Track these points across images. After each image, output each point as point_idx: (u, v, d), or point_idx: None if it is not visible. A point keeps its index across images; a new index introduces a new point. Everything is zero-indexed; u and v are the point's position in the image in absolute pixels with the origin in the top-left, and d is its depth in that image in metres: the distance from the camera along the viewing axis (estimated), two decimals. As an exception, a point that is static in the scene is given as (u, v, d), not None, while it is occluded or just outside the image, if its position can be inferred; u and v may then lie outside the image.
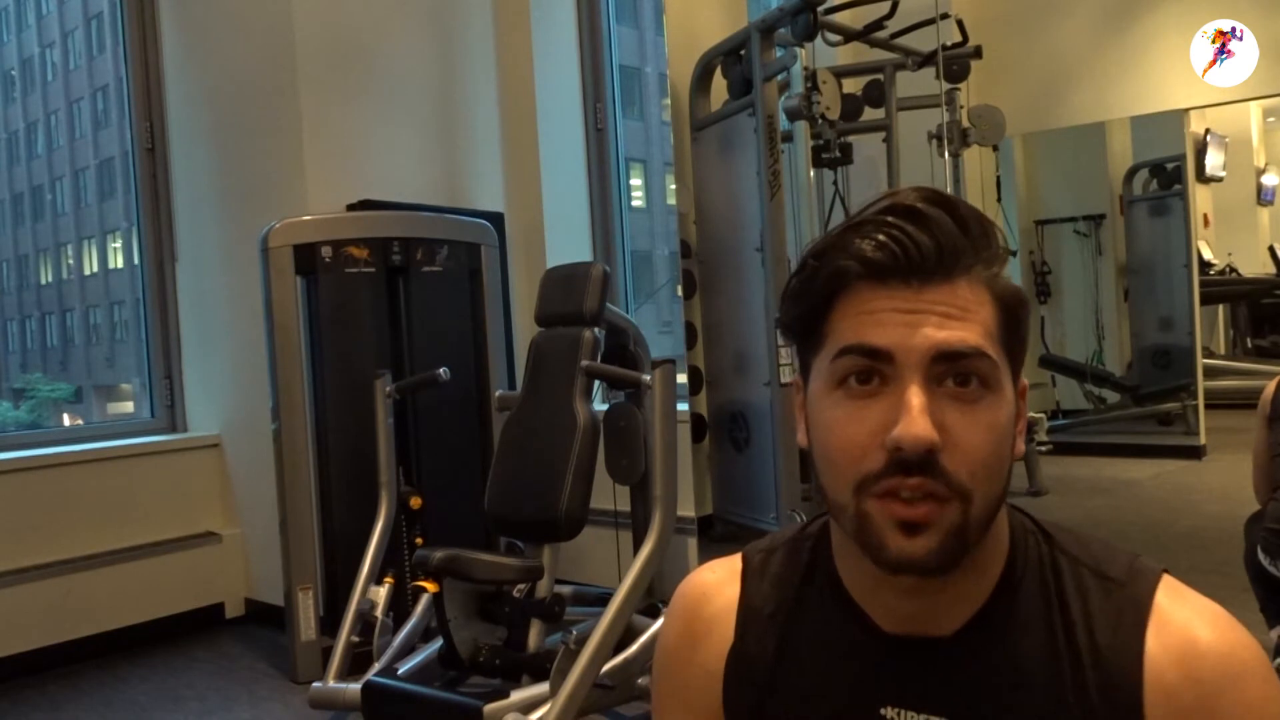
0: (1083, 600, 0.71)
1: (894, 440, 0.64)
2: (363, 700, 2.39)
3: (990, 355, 0.67)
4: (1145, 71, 3.52)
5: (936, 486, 0.65)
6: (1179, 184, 3.81)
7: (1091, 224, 4.08)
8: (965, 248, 0.68)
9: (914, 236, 0.67)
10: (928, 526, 0.66)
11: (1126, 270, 4.04)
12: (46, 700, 2.92)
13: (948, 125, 3.34)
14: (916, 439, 0.64)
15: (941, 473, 0.65)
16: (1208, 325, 4.33)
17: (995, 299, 0.69)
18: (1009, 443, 0.69)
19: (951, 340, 0.66)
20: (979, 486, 0.66)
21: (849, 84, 3.45)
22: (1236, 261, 4.42)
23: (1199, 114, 3.68)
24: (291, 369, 2.97)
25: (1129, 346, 4.04)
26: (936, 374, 0.66)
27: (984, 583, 0.72)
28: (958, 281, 0.67)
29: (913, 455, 0.64)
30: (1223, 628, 0.69)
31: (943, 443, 0.65)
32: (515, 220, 3.87)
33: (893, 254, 0.67)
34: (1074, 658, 0.70)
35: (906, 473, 0.65)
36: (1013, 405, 0.69)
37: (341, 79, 3.37)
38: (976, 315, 0.68)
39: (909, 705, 0.73)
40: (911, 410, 0.65)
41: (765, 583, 0.82)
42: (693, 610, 0.84)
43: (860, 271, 0.68)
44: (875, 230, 0.68)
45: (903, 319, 0.66)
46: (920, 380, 0.66)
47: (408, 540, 3.00)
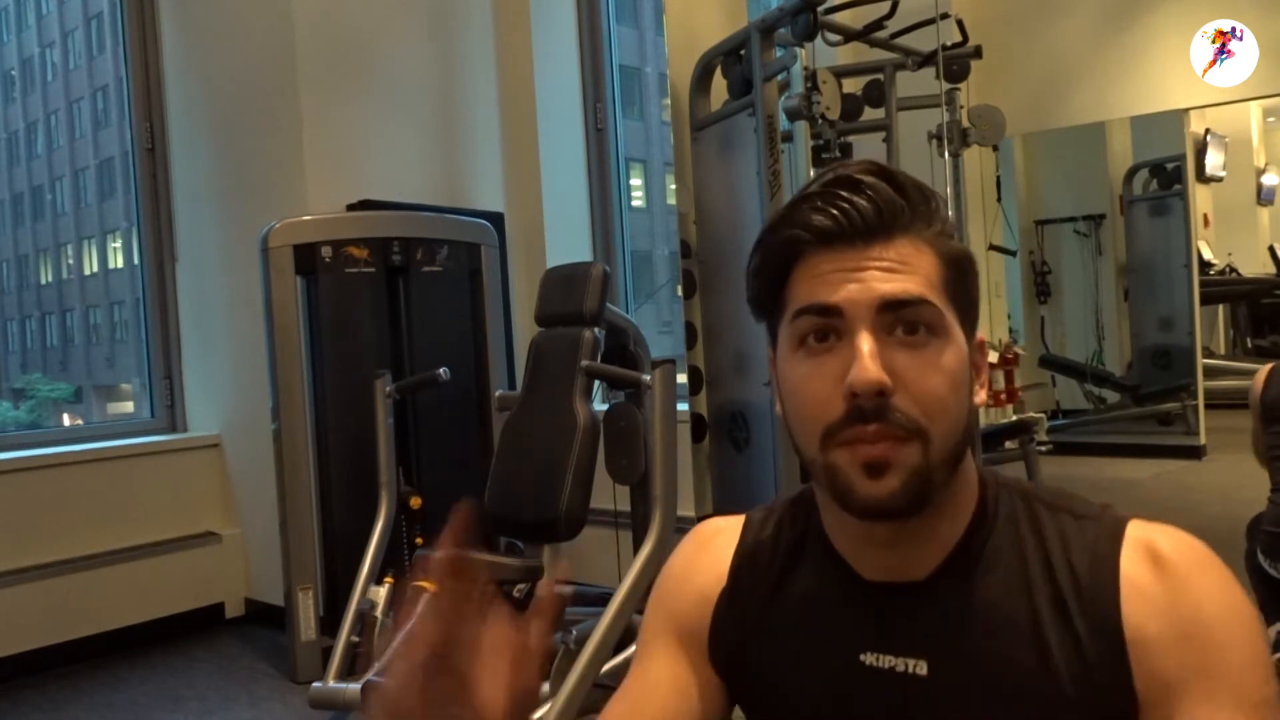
0: (1060, 535, 0.76)
1: (848, 385, 0.69)
2: (363, 700, 2.39)
3: (933, 303, 0.72)
4: (1145, 71, 3.52)
5: (892, 429, 0.70)
6: (1179, 184, 3.81)
7: (1091, 224, 4.08)
8: (902, 209, 0.73)
9: (855, 202, 0.72)
10: (890, 466, 0.70)
11: (1126, 270, 4.04)
12: (46, 700, 2.92)
13: (948, 125, 3.33)
14: (867, 382, 0.69)
15: (895, 412, 0.70)
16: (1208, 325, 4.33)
17: (938, 254, 0.74)
18: (963, 386, 0.74)
19: (895, 290, 0.71)
20: (934, 425, 0.71)
21: (849, 84, 3.45)
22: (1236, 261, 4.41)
23: (1199, 114, 3.67)
24: (291, 369, 2.97)
25: (1129, 346, 4.04)
26: (885, 324, 0.71)
27: (955, 526, 0.76)
28: (898, 239, 0.73)
29: (866, 398, 0.69)
30: (1185, 538, 0.74)
31: (894, 385, 0.70)
32: (515, 220, 3.87)
33: (836, 220, 0.72)
34: (1054, 589, 0.74)
35: (864, 420, 0.70)
36: (964, 352, 0.74)
37: (341, 79, 3.37)
38: (918, 268, 0.73)
39: (887, 650, 0.77)
40: (862, 357, 0.70)
41: (763, 536, 0.87)
42: (700, 546, 0.90)
43: (809, 239, 0.73)
44: (821, 200, 0.74)
45: (849, 276, 0.72)
46: (869, 330, 0.71)
47: (408, 540, 3.00)
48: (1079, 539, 0.75)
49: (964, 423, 0.74)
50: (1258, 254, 4.48)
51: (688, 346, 3.49)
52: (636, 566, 2.35)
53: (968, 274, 0.77)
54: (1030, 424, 3.80)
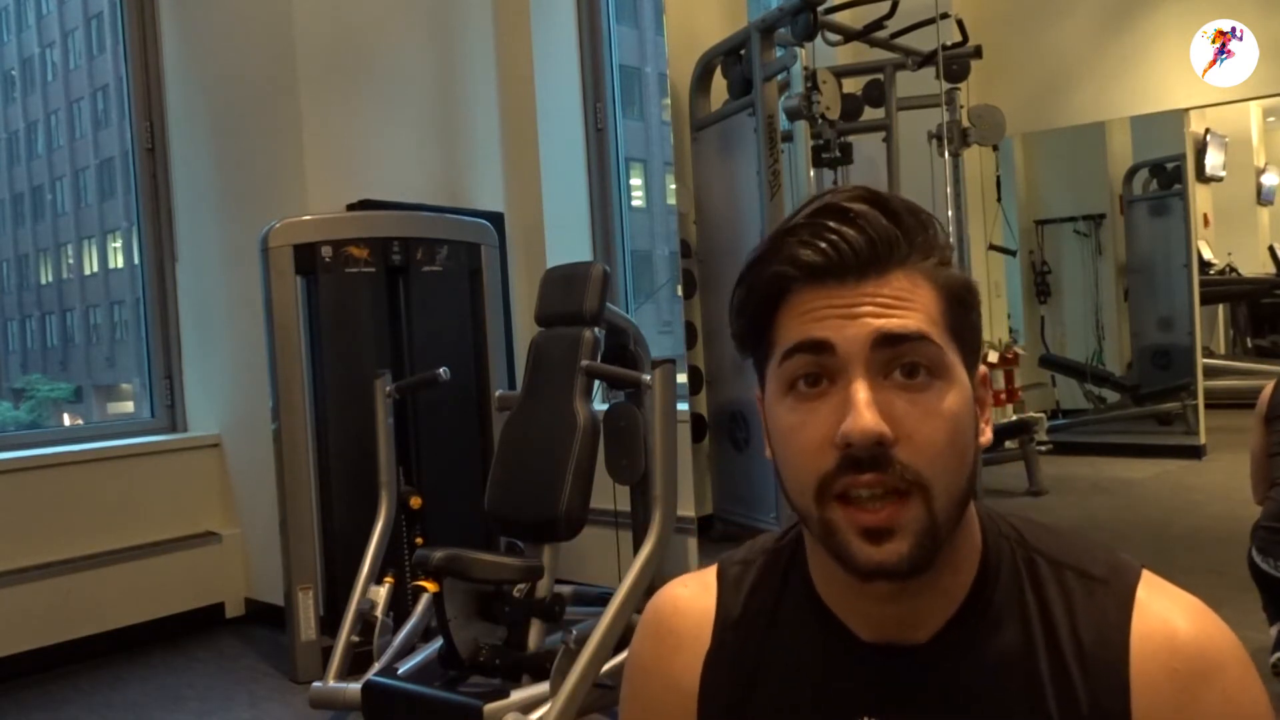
0: (1066, 600, 0.71)
1: (843, 435, 0.64)
2: (363, 700, 2.39)
3: (933, 340, 0.67)
4: (1145, 71, 3.52)
5: (892, 480, 0.64)
6: (1179, 184, 3.81)
7: (1091, 224, 4.09)
8: (897, 240, 0.67)
9: (845, 235, 0.67)
10: (894, 531, 0.65)
11: (1126, 270, 4.05)
12: (47, 700, 2.92)
13: (948, 125, 3.34)
14: (864, 431, 0.63)
15: (896, 465, 0.64)
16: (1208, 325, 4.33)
17: (937, 287, 0.69)
18: (967, 431, 0.68)
19: (891, 326, 0.66)
20: (938, 477, 0.65)
21: (849, 84, 3.45)
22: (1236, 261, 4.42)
23: (1199, 114, 3.68)
24: (291, 369, 2.97)
25: (1129, 346, 4.05)
26: (882, 364, 0.66)
27: (959, 583, 0.71)
28: (893, 273, 0.67)
29: (862, 449, 0.64)
30: (1200, 620, 0.69)
31: (894, 435, 0.64)
32: (515, 220, 3.87)
33: (825, 254, 0.67)
34: (1057, 658, 0.69)
35: (859, 469, 0.64)
36: (968, 392, 0.69)
37: (341, 79, 3.37)
38: (916, 303, 0.67)
39: (888, 714, 0.72)
40: (857, 404, 0.64)
41: (742, 594, 0.80)
42: (665, 625, 0.82)
43: (797, 275, 0.68)
44: (807, 233, 0.68)
45: (841, 313, 0.66)
46: (864, 372, 0.65)
47: (408, 540, 3.00)
48: (1086, 608, 0.70)
49: (969, 470, 0.68)
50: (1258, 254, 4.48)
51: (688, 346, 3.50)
52: (636, 566, 2.35)
53: (969, 306, 0.71)
54: (1030, 424, 3.80)
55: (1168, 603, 0.70)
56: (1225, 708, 0.67)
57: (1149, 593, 0.70)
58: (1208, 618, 0.70)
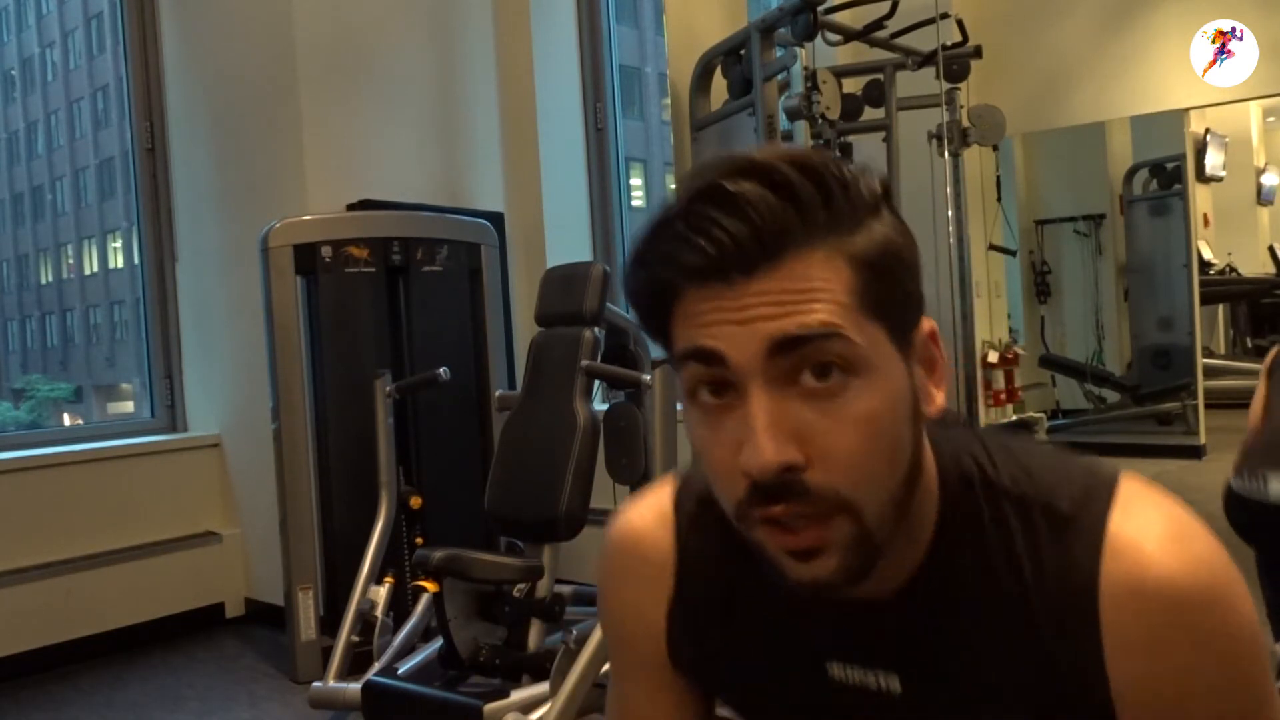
0: (1032, 546, 0.65)
1: (743, 470, 0.58)
2: (363, 700, 2.39)
3: (844, 333, 0.58)
4: (1145, 71, 3.52)
5: (808, 508, 0.58)
6: (1179, 184, 3.81)
7: (1091, 224, 4.08)
8: (791, 223, 0.58)
9: (726, 227, 0.57)
10: (822, 550, 0.60)
11: (1126, 270, 4.05)
12: (47, 700, 2.92)
13: (948, 125, 3.33)
14: (763, 467, 0.57)
15: (810, 491, 0.58)
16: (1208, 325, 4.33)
17: (848, 261, 0.59)
18: (898, 427, 0.61)
19: (786, 328, 0.57)
20: (863, 491, 0.59)
21: (849, 84, 3.45)
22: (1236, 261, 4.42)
23: (1199, 114, 3.68)
24: (291, 369, 2.97)
25: (1129, 346, 4.04)
26: (785, 370, 0.58)
27: (917, 547, 0.67)
28: (788, 261, 0.58)
29: (768, 483, 0.57)
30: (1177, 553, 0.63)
31: (805, 456, 0.57)
32: (515, 220, 3.87)
33: (705, 253, 0.58)
34: (1025, 609, 0.65)
35: (770, 500, 0.58)
36: (897, 379, 0.61)
37: (341, 79, 3.38)
38: (821, 291, 0.58)
39: (856, 662, 0.70)
40: (755, 431, 0.57)
41: (703, 536, 0.76)
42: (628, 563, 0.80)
43: (678, 279, 0.60)
44: (685, 226, 0.59)
45: (731, 318, 0.58)
46: (763, 385, 0.57)
47: (408, 540, 3.00)
48: (1053, 554, 0.65)
49: (903, 468, 0.62)
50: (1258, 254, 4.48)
51: (688, 346, 3.49)
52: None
53: (894, 268, 0.61)
54: (1030, 424, 3.80)
55: (1143, 535, 0.64)
56: (1202, 651, 0.62)
57: (1122, 523, 0.64)
58: (1187, 547, 0.63)
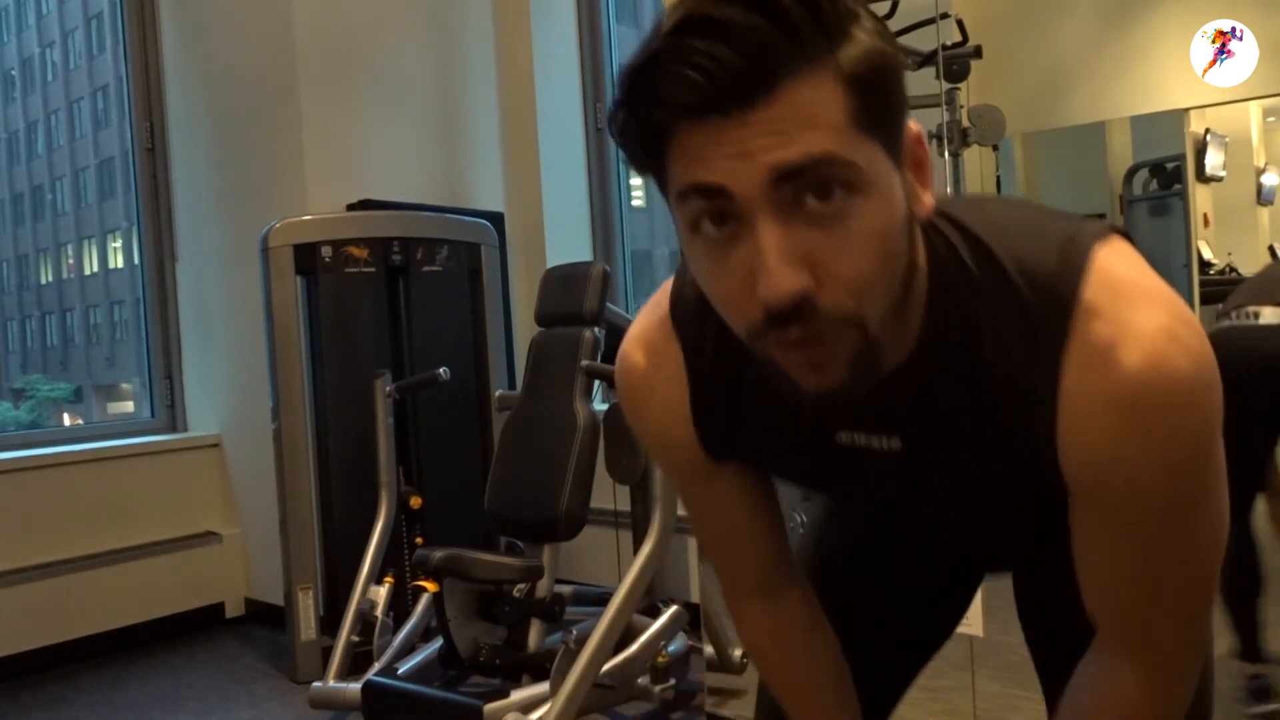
0: (1005, 329, 0.68)
1: (760, 299, 0.59)
2: (363, 700, 2.39)
3: (843, 157, 0.58)
4: (1145, 71, 3.51)
5: (818, 328, 0.61)
6: (1179, 184, 3.81)
7: (1091, 224, 4.08)
8: (781, 47, 0.57)
9: (717, 56, 0.56)
10: (831, 361, 0.63)
11: (1126, 270, 4.04)
12: (47, 700, 2.92)
13: (948, 125, 3.33)
14: (779, 295, 0.59)
15: (820, 313, 0.60)
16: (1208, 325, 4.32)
17: (842, 81, 0.58)
18: (899, 237, 0.63)
19: (790, 158, 0.57)
20: (869, 307, 0.62)
21: (849, 84, 3.45)
22: (1236, 261, 4.41)
23: (1199, 114, 3.67)
24: (291, 369, 2.97)
25: (1129, 346, 4.04)
26: (788, 198, 0.59)
27: (909, 331, 0.71)
28: (784, 87, 0.57)
29: (788, 311, 0.60)
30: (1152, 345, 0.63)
31: (816, 279, 0.59)
32: (515, 220, 3.87)
33: (698, 87, 0.57)
34: (999, 383, 0.69)
35: (785, 324, 0.60)
36: (895, 191, 0.62)
37: (341, 79, 3.38)
38: (818, 114, 0.58)
39: (860, 428, 0.77)
40: (767, 262, 0.58)
41: (704, 334, 0.81)
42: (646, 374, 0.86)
43: (672, 116, 0.59)
44: (674, 60, 0.57)
45: (730, 151, 0.58)
46: (770, 214, 0.58)
47: (408, 540, 3.00)
48: (1023, 332, 0.67)
49: (902, 273, 0.65)
50: (1258, 254, 4.48)
51: (688, 346, 3.49)
52: (636, 566, 2.35)
53: (885, 80, 0.61)
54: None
55: (1117, 318, 0.64)
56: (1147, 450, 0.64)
57: (1097, 301, 0.65)
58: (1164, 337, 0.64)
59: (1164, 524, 0.68)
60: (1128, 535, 0.70)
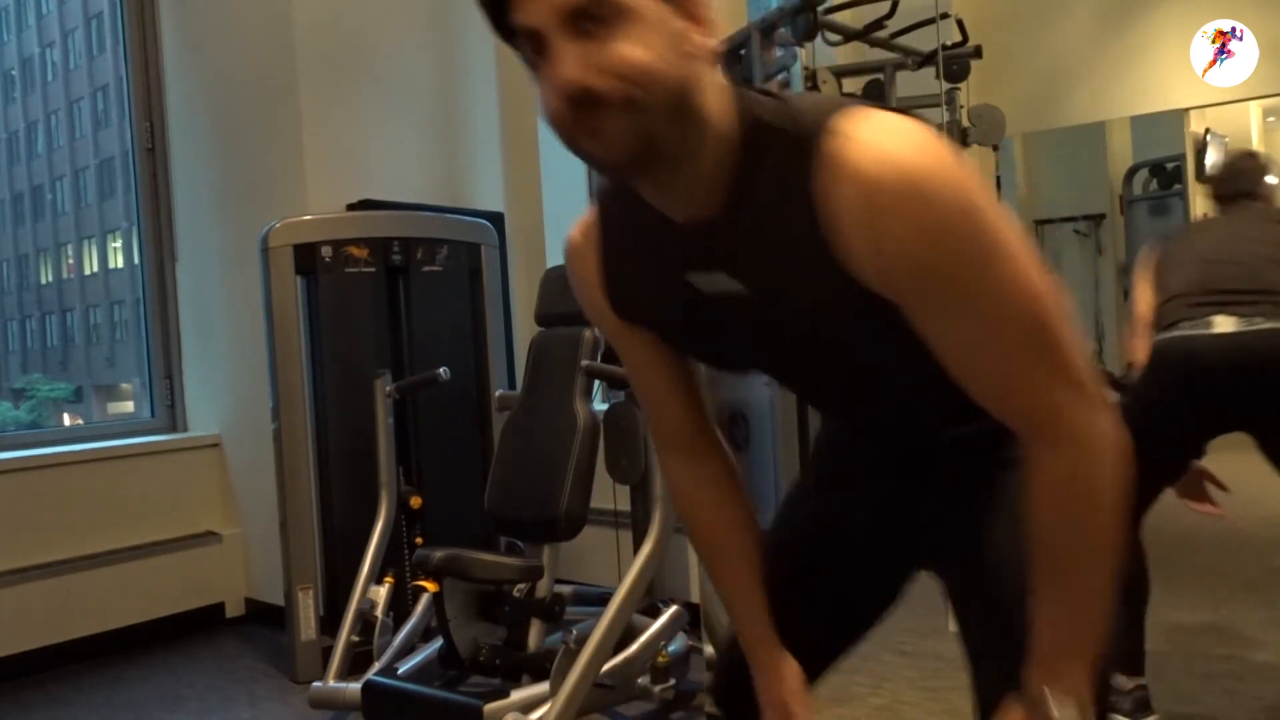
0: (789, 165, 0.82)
1: (555, 91, 0.79)
2: (363, 700, 2.39)
3: None
4: (1145, 71, 3.52)
5: (604, 109, 0.78)
6: (1179, 184, 3.81)
7: (1091, 224, 4.09)
8: None
9: None
10: (614, 138, 0.80)
11: (1127, 270, 4.05)
12: (47, 700, 2.92)
13: (948, 125, 3.34)
14: (566, 83, 0.78)
15: (600, 98, 0.78)
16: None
17: None
18: (667, 46, 0.79)
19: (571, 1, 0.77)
20: (643, 89, 0.78)
21: (849, 84, 3.45)
22: (1236, 261, 4.40)
23: (1199, 114, 3.68)
24: (291, 369, 2.97)
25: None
26: (574, 26, 0.77)
27: (720, 169, 0.85)
28: None
29: (572, 95, 0.78)
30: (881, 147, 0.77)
31: (598, 75, 0.77)
32: (515, 220, 3.87)
33: None
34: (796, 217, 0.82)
35: (577, 109, 0.78)
36: (665, 27, 0.79)
37: (341, 79, 3.38)
38: None
39: (703, 269, 0.92)
40: (559, 66, 0.78)
41: (610, 205, 1.05)
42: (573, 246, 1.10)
43: None
44: None
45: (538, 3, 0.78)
46: (561, 39, 0.78)
47: (408, 540, 3.00)
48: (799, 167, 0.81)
49: (682, 74, 0.80)
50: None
51: (688, 346, 3.50)
52: (636, 566, 2.35)
53: None
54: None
55: (850, 133, 0.79)
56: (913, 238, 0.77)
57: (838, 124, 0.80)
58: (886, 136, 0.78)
59: (966, 292, 0.79)
60: (950, 315, 0.81)
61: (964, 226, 0.77)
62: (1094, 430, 0.82)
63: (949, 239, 0.76)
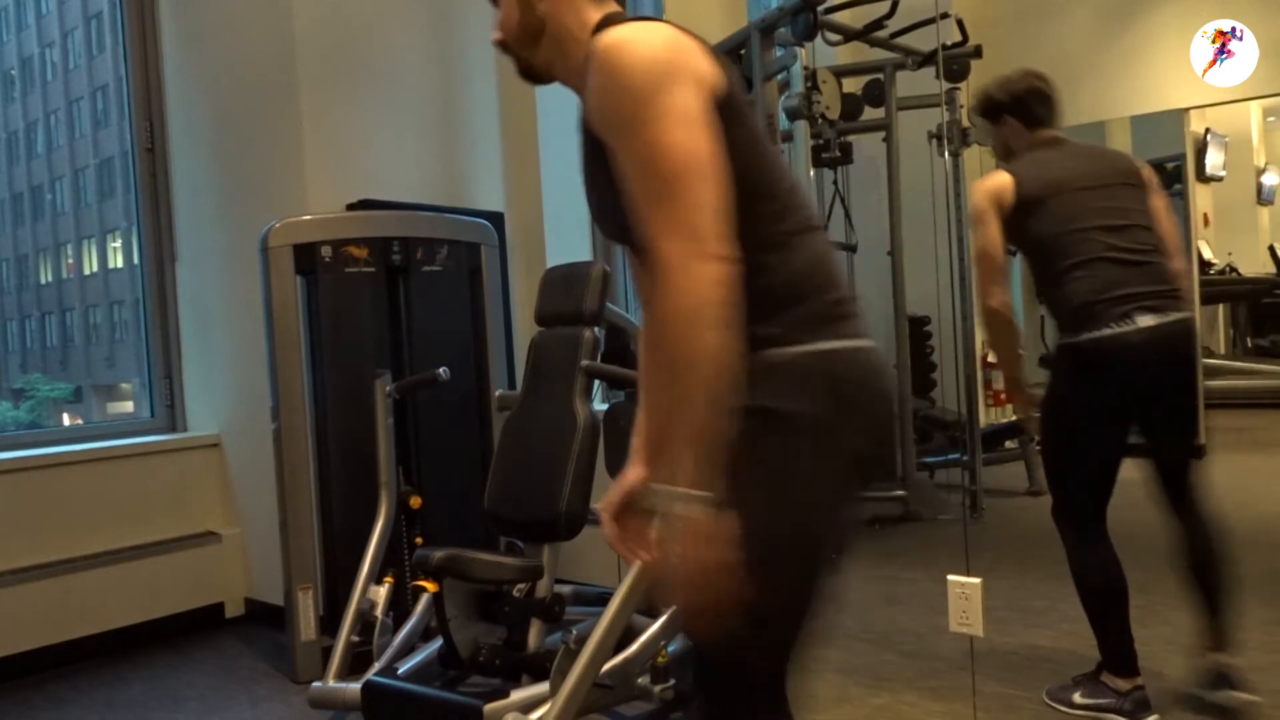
0: None
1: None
2: (363, 700, 2.39)
3: None
4: (1145, 71, 3.52)
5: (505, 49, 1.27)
6: (1179, 183, 3.81)
7: (1091, 224, 4.07)
8: None
9: None
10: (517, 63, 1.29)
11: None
12: (46, 700, 2.92)
13: (948, 125, 3.34)
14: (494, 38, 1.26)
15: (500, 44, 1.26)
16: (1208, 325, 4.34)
17: None
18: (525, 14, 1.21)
19: None
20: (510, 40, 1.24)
21: (849, 83, 3.45)
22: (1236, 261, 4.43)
23: (1199, 114, 3.68)
24: (291, 369, 2.97)
25: (1129, 346, 4.03)
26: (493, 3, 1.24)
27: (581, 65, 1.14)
28: None
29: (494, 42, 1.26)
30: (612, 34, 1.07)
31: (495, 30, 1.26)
32: (515, 220, 3.87)
33: None
34: None
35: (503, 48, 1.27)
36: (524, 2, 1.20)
37: (341, 79, 3.38)
38: None
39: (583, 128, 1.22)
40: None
41: None
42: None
43: None
44: None
45: None
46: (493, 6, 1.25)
47: (408, 540, 3.00)
48: None
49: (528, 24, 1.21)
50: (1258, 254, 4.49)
51: (688, 346, 3.49)
52: (636, 566, 2.35)
53: None
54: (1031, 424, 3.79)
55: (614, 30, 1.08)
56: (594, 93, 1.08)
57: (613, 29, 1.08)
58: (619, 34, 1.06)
59: (620, 140, 1.06)
60: (614, 156, 1.08)
61: (620, 88, 1.03)
62: (687, 270, 1.00)
63: (609, 96, 1.05)
